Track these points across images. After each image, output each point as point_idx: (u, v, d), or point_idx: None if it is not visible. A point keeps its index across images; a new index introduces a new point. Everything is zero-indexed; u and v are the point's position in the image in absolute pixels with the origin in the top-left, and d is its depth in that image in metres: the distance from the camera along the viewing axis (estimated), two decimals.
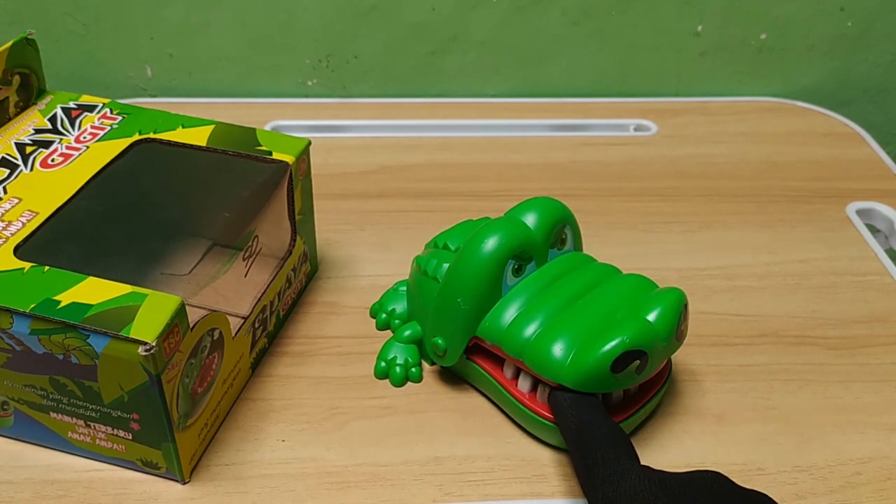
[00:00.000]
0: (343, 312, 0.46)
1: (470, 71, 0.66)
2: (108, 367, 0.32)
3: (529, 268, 0.39)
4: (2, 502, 0.35)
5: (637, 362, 0.35)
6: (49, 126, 0.43)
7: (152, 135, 0.43)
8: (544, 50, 0.65)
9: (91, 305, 0.32)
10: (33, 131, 0.42)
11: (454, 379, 0.42)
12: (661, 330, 0.36)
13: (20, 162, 0.40)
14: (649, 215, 0.54)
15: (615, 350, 0.34)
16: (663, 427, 0.39)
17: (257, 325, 0.41)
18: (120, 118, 0.44)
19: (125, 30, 0.63)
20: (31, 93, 0.45)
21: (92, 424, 0.35)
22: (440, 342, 0.39)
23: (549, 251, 0.40)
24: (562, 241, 0.40)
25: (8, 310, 0.32)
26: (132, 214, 0.44)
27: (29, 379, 0.34)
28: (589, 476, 0.32)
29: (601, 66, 0.67)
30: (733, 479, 0.37)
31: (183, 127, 0.43)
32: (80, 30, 0.63)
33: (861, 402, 0.41)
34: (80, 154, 0.41)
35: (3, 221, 0.37)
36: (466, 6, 0.63)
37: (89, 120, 0.44)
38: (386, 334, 0.44)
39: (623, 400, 0.38)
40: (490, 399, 0.41)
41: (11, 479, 0.36)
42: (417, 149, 0.60)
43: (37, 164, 0.40)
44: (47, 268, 0.34)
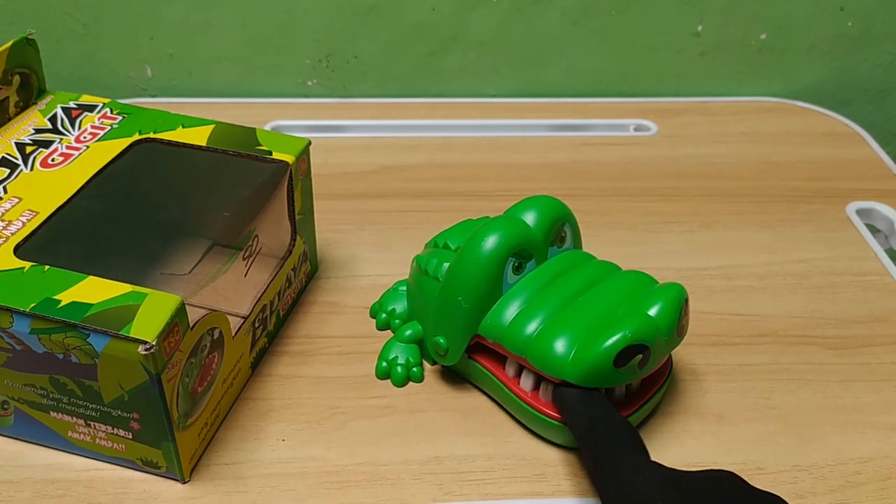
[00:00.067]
0: (343, 312, 0.46)
1: (470, 71, 0.66)
2: (108, 367, 0.32)
3: (529, 266, 0.39)
4: (2, 502, 0.35)
5: (639, 356, 0.35)
6: (49, 126, 0.43)
7: (152, 135, 0.43)
8: (544, 50, 0.65)
9: (91, 305, 0.32)
10: (33, 131, 0.42)
11: (454, 378, 0.42)
12: (663, 324, 0.36)
13: (20, 162, 0.40)
14: (649, 215, 0.54)
15: (618, 344, 0.34)
16: (663, 426, 0.39)
17: (257, 325, 0.41)
18: (120, 118, 0.44)
19: (125, 30, 0.63)
20: (31, 93, 0.45)
21: (92, 424, 0.35)
22: (442, 341, 0.39)
23: (549, 249, 0.40)
24: (561, 239, 0.40)
25: (8, 309, 0.32)
26: (132, 214, 0.44)
27: (29, 378, 0.34)
28: (600, 472, 0.32)
29: (601, 66, 0.67)
30: None
31: (183, 127, 0.43)
32: (80, 30, 0.63)
33: (861, 402, 0.41)
34: (80, 154, 0.41)
35: (3, 221, 0.37)
36: (466, 6, 0.63)
37: (89, 120, 0.44)
38: (386, 334, 0.44)
39: (625, 397, 0.38)
40: (491, 398, 0.41)
41: (11, 479, 0.36)
42: (417, 149, 0.60)
43: (37, 164, 0.40)
44: (47, 267, 0.34)
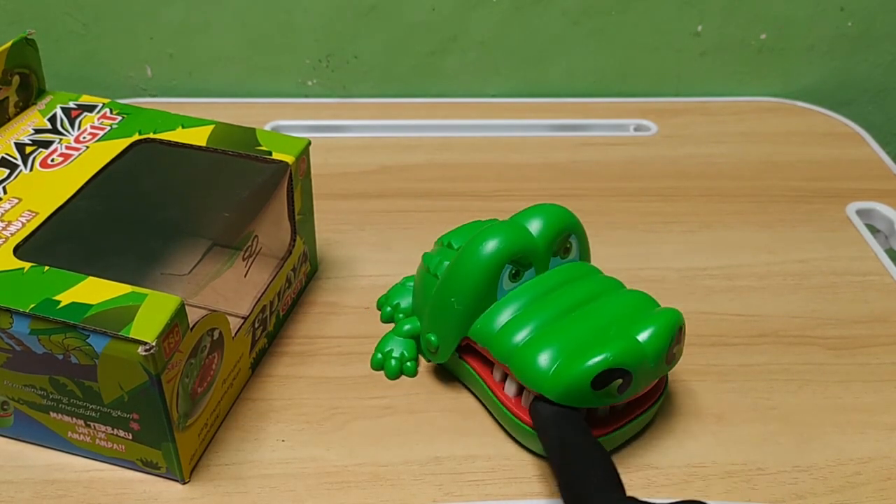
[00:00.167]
0: (343, 312, 0.46)
1: (470, 71, 0.66)
2: (108, 367, 0.32)
3: (528, 274, 0.39)
4: (2, 502, 0.35)
5: (619, 381, 0.34)
6: (49, 126, 0.43)
7: (152, 135, 0.43)
8: (544, 50, 0.65)
9: (91, 305, 0.32)
10: (33, 131, 0.42)
11: (453, 378, 0.42)
12: (650, 350, 0.35)
13: (20, 162, 0.40)
14: (649, 215, 0.54)
15: (597, 367, 0.33)
16: (663, 427, 0.39)
17: (257, 325, 0.41)
18: (120, 118, 0.44)
19: (125, 30, 0.63)
20: (31, 93, 0.45)
21: (92, 424, 0.35)
22: (433, 339, 0.39)
23: (552, 259, 0.39)
24: (566, 250, 0.40)
25: (8, 310, 0.32)
26: (132, 214, 0.44)
27: (29, 379, 0.34)
28: (574, 501, 0.32)
29: (601, 66, 0.67)
30: (734, 480, 0.37)
31: (183, 127, 0.43)
32: (80, 30, 0.63)
33: (861, 402, 0.41)
34: (80, 154, 0.41)
35: (3, 221, 0.37)
36: (466, 6, 0.63)
37: (89, 120, 0.44)
38: (388, 329, 0.44)
39: (610, 414, 0.37)
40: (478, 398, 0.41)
41: (11, 479, 0.36)
42: (417, 149, 0.60)
43: (36, 164, 0.40)
44: (47, 268, 0.34)
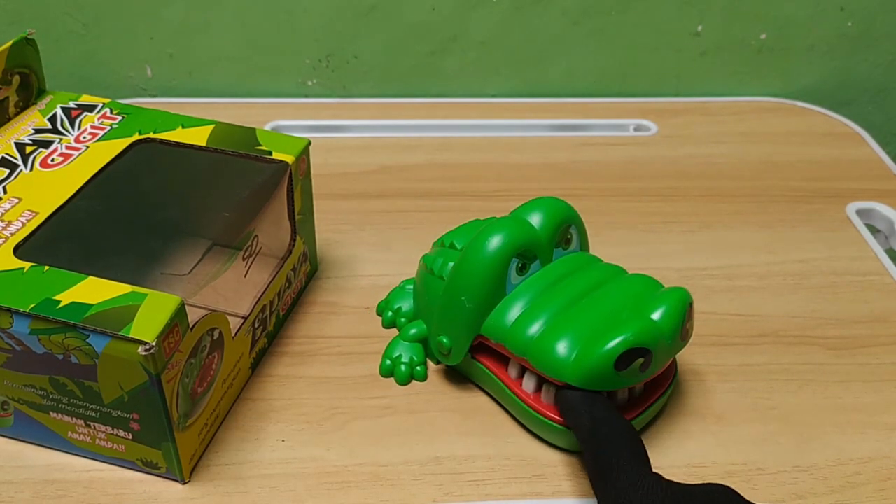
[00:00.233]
0: (343, 312, 0.46)
1: (470, 71, 0.66)
2: (108, 367, 0.32)
3: (534, 267, 0.39)
4: (2, 502, 0.35)
5: (641, 360, 0.35)
6: (49, 126, 0.43)
7: (152, 135, 0.43)
8: (544, 50, 0.65)
9: (91, 305, 0.32)
10: (33, 131, 0.42)
11: (454, 378, 0.42)
12: (666, 328, 0.36)
13: (20, 162, 0.40)
14: (649, 215, 0.54)
15: (619, 347, 0.34)
16: (663, 427, 0.39)
17: (257, 325, 0.41)
18: (120, 118, 0.44)
19: (125, 30, 0.63)
20: (31, 93, 0.45)
21: (92, 424, 0.35)
22: (445, 341, 0.39)
23: (554, 251, 0.40)
24: (567, 241, 0.40)
25: (8, 310, 0.32)
26: (132, 214, 0.44)
27: (29, 379, 0.34)
28: (601, 479, 0.32)
29: (601, 66, 0.67)
30: (734, 480, 0.37)
31: (183, 127, 0.43)
32: (80, 30, 0.63)
33: (861, 402, 0.41)
34: (80, 154, 0.41)
35: (3, 221, 0.37)
36: (466, 6, 0.63)
37: (89, 120, 0.44)
38: (385, 333, 0.44)
39: (628, 400, 0.38)
40: (493, 398, 0.41)
41: (11, 479, 0.36)
42: (417, 149, 0.60)
43: (37, 164, 0.40)
44: (47, 268, 0.34)
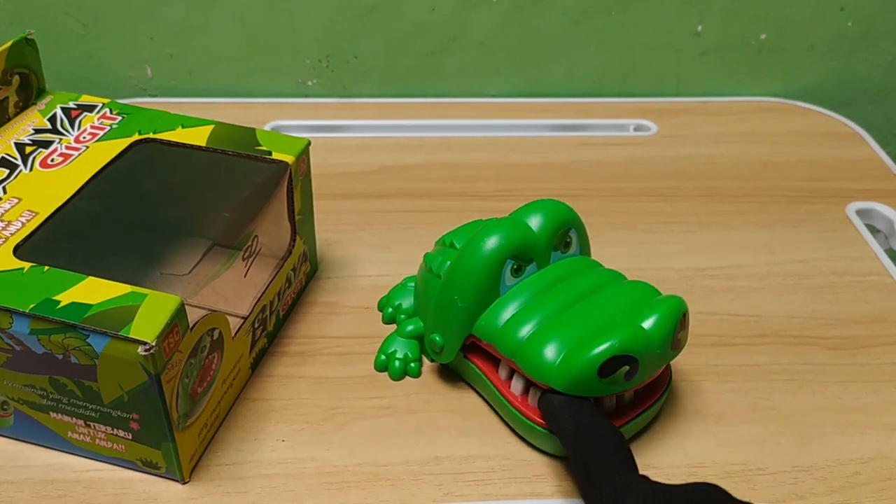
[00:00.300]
0: (343, 312, 0.46)
1: (470, 71, 0.66)
2: (108, 367, 0.32)
3: (530, 269, 0.39)
4: (2, 502, 0.35)
5: (626, 368, 0.34)
6: (49, 126, 0.43)
7: (152, 135, 0.43)
8: (544, 50, 0.65)
9: (91, 305, 0.32)
10: (33, 131, 0.42)
11: (455, 378, 0.42)
12: (656, 337, 0.35)
13: (20, 162, 0.40)
14: (649, 215, 0.54)
15: (603, 354, 0.34)
16: (663, 428, 0.39)
17: (257, 325, 0.41)
18: (120, 118, 0.44)
19: (125, 30, 0.63)
20: (31, 93, 0.45)
21: (92, 424, 0.35)
22: (437, 339, 0.39)
23: (552, 254, 0.39)
24: (566, 245, 0.40)
25: (8, 310, 0.32)
26: (132, 214, 0.44)
27: (29, 379, 0.34)
28: (588, 486, 0.32)
29: (601, 66, 0.67)
30: (734, 480, 0.37)
31: (183, 127, 0.43)
32: (80, 30, 0.63)
33: (861, 403, 0.41)
34: (80, 154, 0.41)
35: (3, 221, 0.37)
36: (466, 6, 0.63)
37: (89, 120, 0.44)
38: (389, 329, 0.44)
39: (616, 407, 0.37)
40: (483, 397, 0.41)
41: (11, 479, 0.36)
42: (417, 149, 0.60)
43: (36, 164, 0.40)
44: (47, 268, 0.34)
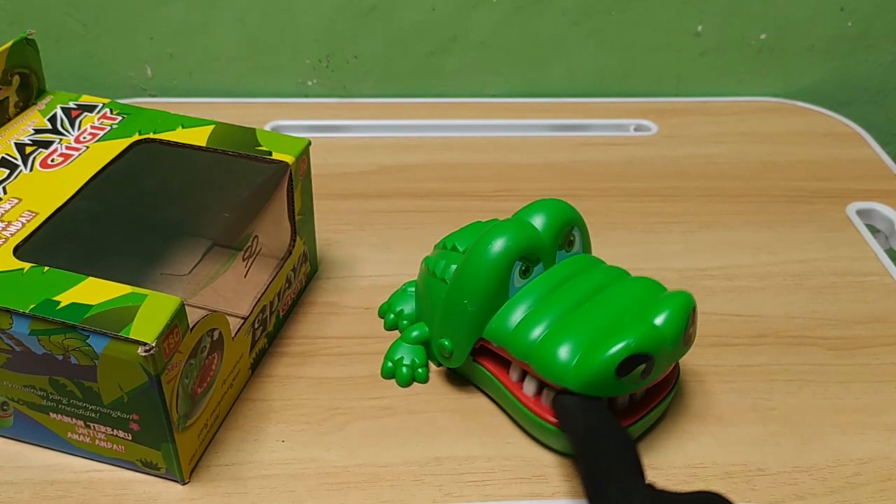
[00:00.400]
0: (343, 312, 0.46)
1: (470, 71, 0.66)
2: (108, 368, 0.32)
3: (537, 269, 0.39)
4: (2, 502, 0.35)
5: (643, 366, 0.35)
6: (49, 126, 0.43)
7: (152, 135, 0.43)
8: (544, 50, 0.65)
9: (91, 306, 0.32)
10: (33, 131, 0.42)
11: (454, 379, 0.42)
12: (668, 334, 0.35)
13: (20, 162, 0.40)
14: (649, 215, 0.54)
15: (620, 353, 0.34)
16: (663, 428, 0.39)
17: (257, 326, 0.41)
18: (120, 118, 0.44)
19: (125, 30, 0.63)
20: (31, 93, 0.45)
21: (91, 425, 0.35)
22: (447, 343, 0.39)
23: (557, 253, 0.39)
24: (570, 243, 0.40)
25: (8, 310, 0.32)
26: (132, 214, 0.44)
27: (28, 379, 0.34)
28: (593, 488, 0.32)
29: (601, 66, 0.66)
30: (734, 480, 0.37)
31: (183, 127, 0.43)
32: (80, 30, 0.63)
33: (861, 403, 0.41)
34: (80, 154, 0.41)
35: (3, 221, 0.37)
36: (466, 6, 0.63)
37: (89, 120, 0.44)
38: (387, 333, 0.44)
39: (629, 405, 0.37)
40: (493, 400, 0.40)
41: (11, 480, 0.36)
42: (417, 149, 0.60)
43: (36, 165, 0.40)
44: (47, 268, 0.34)
